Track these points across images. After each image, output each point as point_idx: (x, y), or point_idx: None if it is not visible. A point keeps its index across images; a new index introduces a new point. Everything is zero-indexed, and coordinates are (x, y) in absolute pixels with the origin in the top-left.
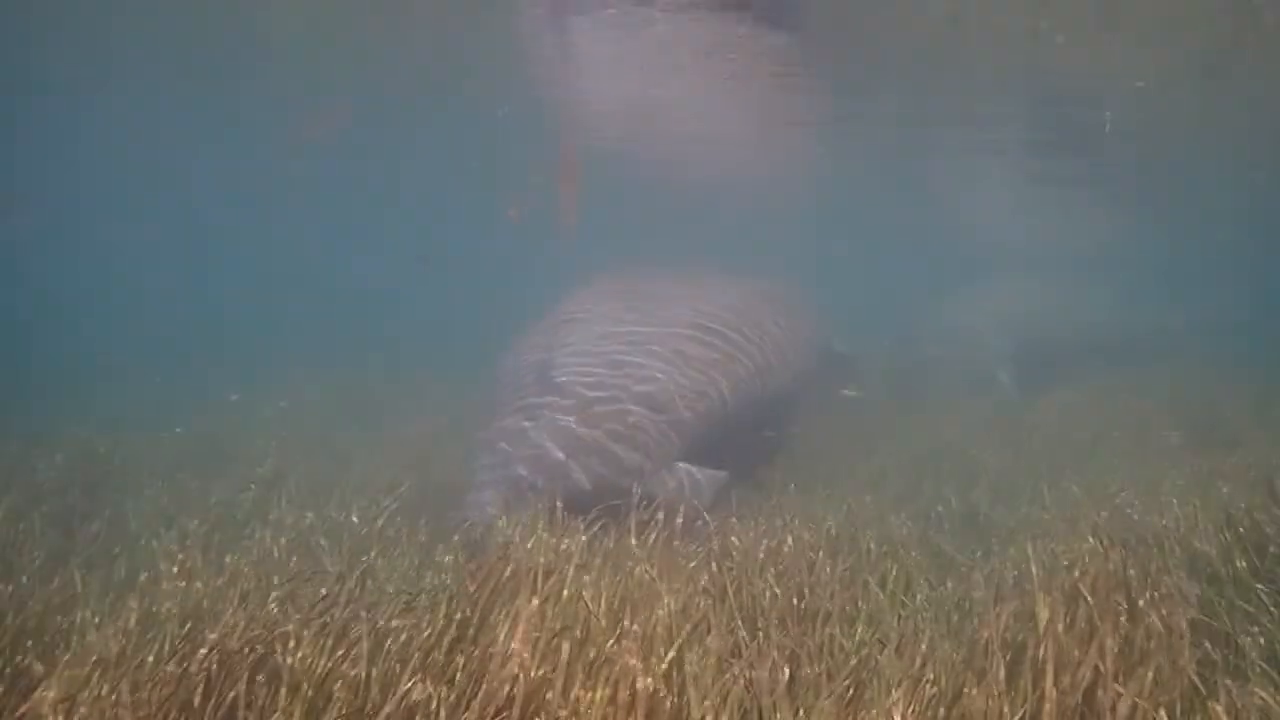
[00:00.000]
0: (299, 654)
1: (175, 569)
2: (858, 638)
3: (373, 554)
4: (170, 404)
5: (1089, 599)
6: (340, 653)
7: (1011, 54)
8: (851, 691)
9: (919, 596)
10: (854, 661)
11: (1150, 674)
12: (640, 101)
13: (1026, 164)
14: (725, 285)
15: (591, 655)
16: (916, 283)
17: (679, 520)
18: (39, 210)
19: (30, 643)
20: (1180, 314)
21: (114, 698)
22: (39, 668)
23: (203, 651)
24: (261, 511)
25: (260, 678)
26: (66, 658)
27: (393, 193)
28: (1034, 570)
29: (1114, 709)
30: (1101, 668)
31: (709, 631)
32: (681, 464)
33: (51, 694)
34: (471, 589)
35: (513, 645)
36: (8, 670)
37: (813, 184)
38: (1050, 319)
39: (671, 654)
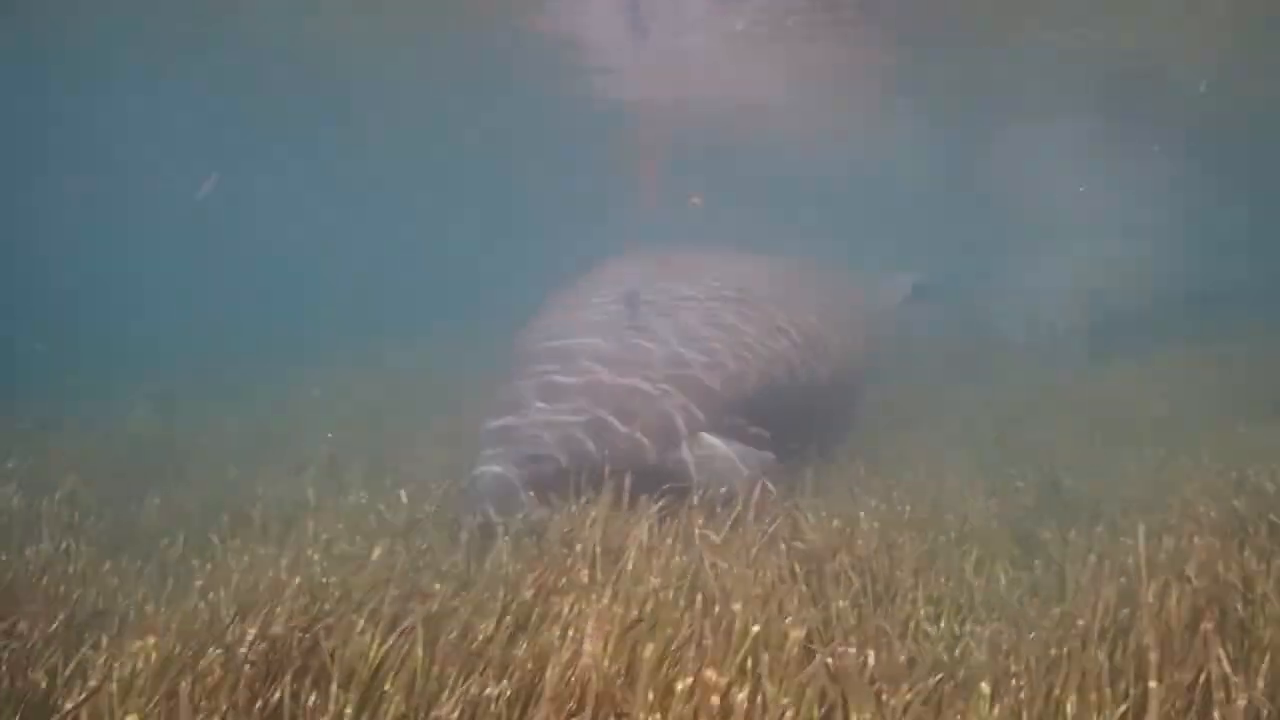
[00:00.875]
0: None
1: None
2: (942, 626)
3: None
4: (227, 389)
5: (1193, 580)
6: (389, 644)
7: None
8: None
9: (1005, 577)
10: (939, 649)
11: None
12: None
13: (1099, 127)
14: (759, 261)
15: (664, 649)
16: (982, 249)
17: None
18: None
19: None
20: (1253, 281)
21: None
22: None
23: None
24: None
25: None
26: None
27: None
28: (1141, 549)
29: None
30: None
31: (786, 620)
32: (709, 436)
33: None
34: (531, 581)
35: (585, 646)
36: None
37: (880, 148)
38: (1121, 285)
39: (746, 647)
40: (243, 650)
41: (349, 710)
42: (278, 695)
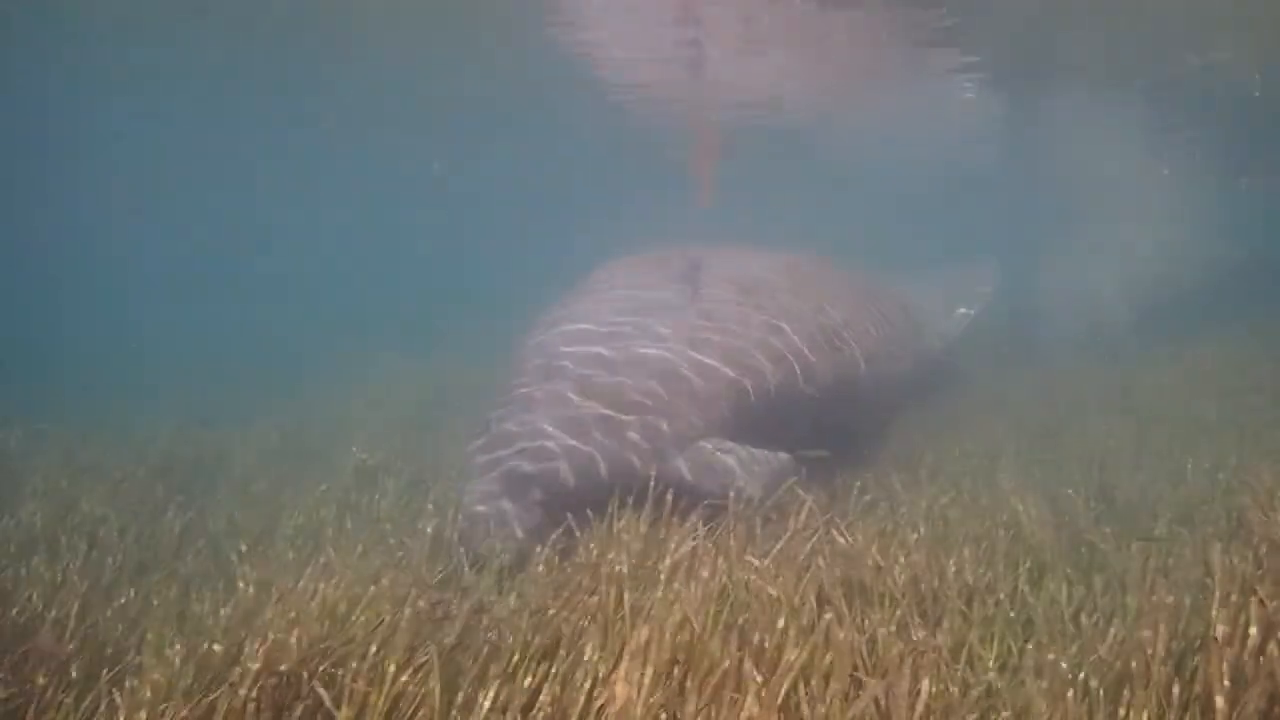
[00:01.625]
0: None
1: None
2: (994, 651)
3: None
4: (259, 400)
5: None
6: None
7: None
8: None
9: (1062, 593)
10: (993, 674)
11: None
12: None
13: (1150, 115)
14: (775, 260)
15: (701, 687)
16: (1025, 238)
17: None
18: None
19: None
20: None
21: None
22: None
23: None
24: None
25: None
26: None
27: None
28: (1216, 566)
29: None
30: None
31: (828, 651)
32: (708, 443)
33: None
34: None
35: (616, 690)
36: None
37: (930, 134)
38: (1166, 274)
39: (789, 683)
40: (243, 691)
41: None
42: None
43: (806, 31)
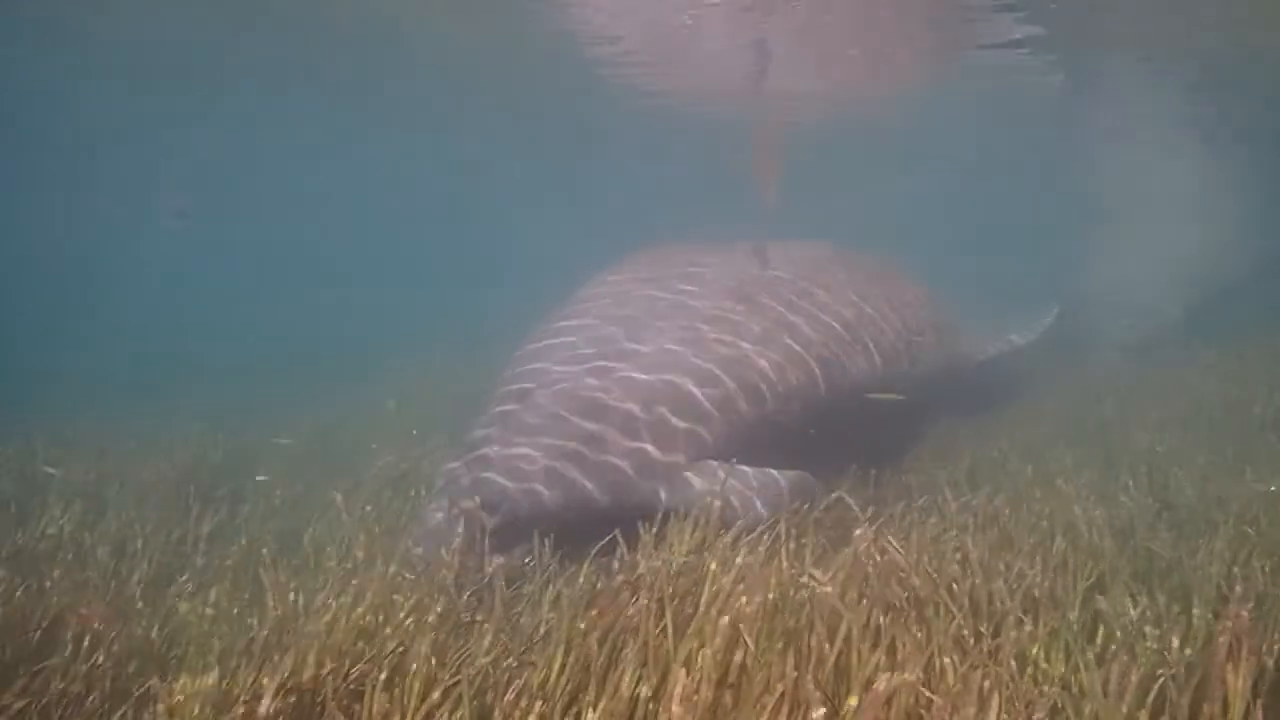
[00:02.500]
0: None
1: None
2: (1058, 662)
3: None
4: (287, 402)
5: None
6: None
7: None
8: None
9: (1130, 603)
10: (1056, 689)
11: None
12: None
13: (1192, 109)
14: (784, 256)
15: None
16: (1062, 236)
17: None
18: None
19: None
20: None
21: None
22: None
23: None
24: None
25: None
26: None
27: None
28: None
29: None
30: None
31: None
32: (713, 463)
33: None
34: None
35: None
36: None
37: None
38: (1214, 270)
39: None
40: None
41: None
42: None
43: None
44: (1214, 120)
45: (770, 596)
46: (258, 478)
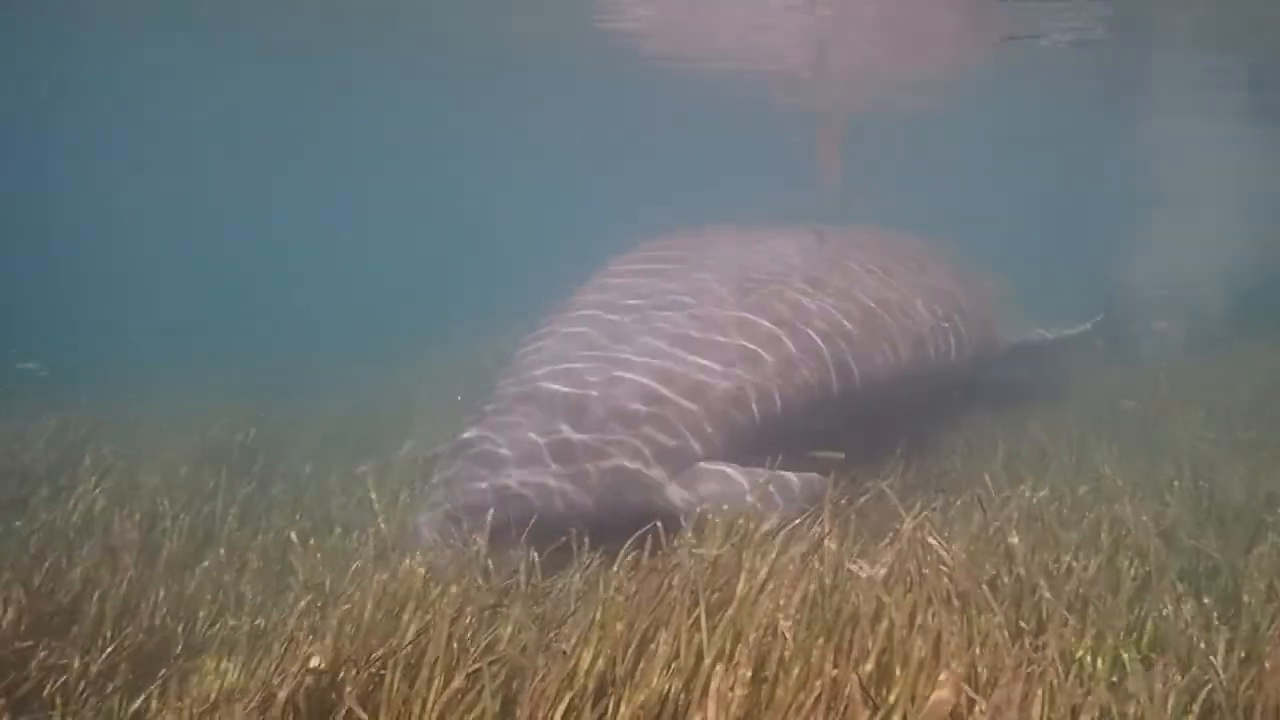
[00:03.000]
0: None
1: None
2: (1104, 664)
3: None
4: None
5: None
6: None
7: None
8: None
9: (1173, 605)
10: (1103, 690)
11: None
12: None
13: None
14: (796, 241)
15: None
16: (1105, 227)
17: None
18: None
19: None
20: None
21: None
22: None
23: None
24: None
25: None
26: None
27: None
28: None
29: None
30: None
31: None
32: (721, 464)
33: None
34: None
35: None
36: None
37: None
38: (1261, 260)
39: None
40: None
41: None
42: None
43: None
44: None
45: (810, 588)
46: (357, 470)
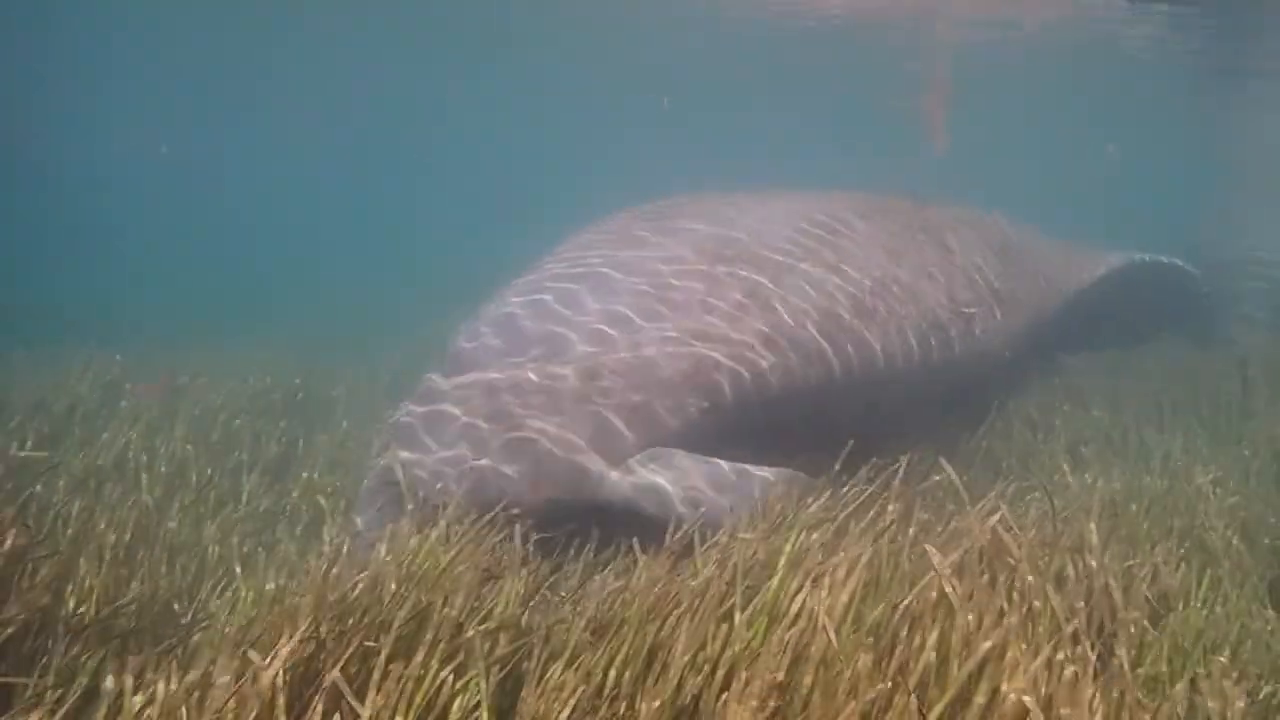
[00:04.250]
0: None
1: None
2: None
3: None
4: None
5: None
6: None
7: None
8: None
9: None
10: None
11: None
12: None
13: None
14: (798, 206)
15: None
16: (1202, 202)
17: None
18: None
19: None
20: None
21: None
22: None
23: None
24: None
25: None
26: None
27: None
28: None
29: None
30: None
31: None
32: (674, 450)
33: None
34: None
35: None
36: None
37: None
38: None
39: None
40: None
41: None
42: None
43: None
44: None
45: (861, 579)
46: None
